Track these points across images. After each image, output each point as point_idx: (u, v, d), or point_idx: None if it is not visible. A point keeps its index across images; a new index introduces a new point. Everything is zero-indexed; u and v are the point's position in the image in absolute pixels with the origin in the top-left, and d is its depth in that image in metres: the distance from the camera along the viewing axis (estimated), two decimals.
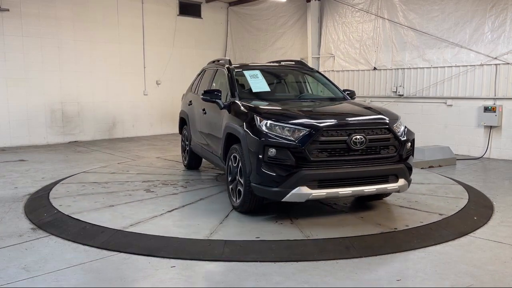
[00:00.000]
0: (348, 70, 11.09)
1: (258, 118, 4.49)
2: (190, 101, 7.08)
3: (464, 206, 5.14)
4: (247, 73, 5.83)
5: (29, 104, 10.32)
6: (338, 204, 5.28)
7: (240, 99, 5.25)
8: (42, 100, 10.50)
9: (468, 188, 6.09)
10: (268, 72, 6.19)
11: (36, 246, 3.96)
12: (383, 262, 3.66)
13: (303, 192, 4.21)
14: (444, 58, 9.26)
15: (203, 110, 6.18)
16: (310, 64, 11.61)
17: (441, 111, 9.40)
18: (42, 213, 4.88)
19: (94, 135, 11.48)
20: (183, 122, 7.59)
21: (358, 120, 4.63)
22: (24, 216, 4.84)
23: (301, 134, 4.25)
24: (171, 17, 12.77)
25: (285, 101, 5.51)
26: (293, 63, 6.83)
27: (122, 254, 3.77)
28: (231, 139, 5.01)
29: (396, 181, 4.56)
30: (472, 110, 8.95)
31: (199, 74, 7.38)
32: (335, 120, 4.48)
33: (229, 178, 4.98)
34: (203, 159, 7.19)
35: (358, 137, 4.31)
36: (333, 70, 11.40)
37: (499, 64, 8.51)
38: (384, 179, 4.51)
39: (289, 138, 4.26)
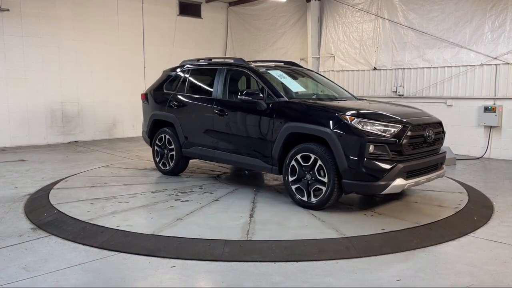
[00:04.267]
0: (348, 70, 11.09)
1: (350, 118, 4.66)
2: (178, 103, 6.55)
3: (464, 206, 5.14)
4: (274, 73, 5.92)
5: (29, 104, 10.32)
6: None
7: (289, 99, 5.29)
8: (42, 100, 10.50)
9: (468, 188, 6.09)
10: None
11: (36, 246, 3.96)
12: (383, 262, 3.66)
13: (400, 183, 4.60)
14: (444, 58, 9.26)
15: (221, 111, 5.85)
16: (310, 64, 11.65)
17: (441, 111, 9.39)
18: (42, 213, 4.88)
19: (94, 135, 11.48)
20: (159, 125, 6.91)
21: (427, 117, 5.21)
22: (24, 216, 4.84)
23: (396, 130, 4.62)
24: (171, 17, 12.77)
25: (324, 100, 5.69)
26: (282, 63, 6.69)
27: (122, 254, 3.77)
28: (291, 139, 5.06)
29: (442, 167, 5.31)
30: (472, 110, 8.95)
31: (175, 75, 6.85)
32: (413, 118, 4.95)
33: (291, 178, 5.04)
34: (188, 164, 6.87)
35: (430, 132, 4.95)
36: (333, 70, 11.40)
37: (499, 64, 8.51)
38: (437, 166, 5.19)
39: (384, 134, 4.59)
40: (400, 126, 4.64)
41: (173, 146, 6.63)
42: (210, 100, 6.11)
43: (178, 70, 6.94)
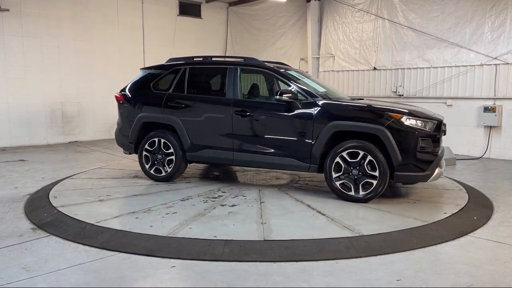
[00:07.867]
0: (348, 70, 11.09)
1: (400, 115, 5.07)
2: (179, 103, 6.12)
3: (464, 206, 5.14)
4: (295, 74, 6.02)
5: (29, 104, 10.32)
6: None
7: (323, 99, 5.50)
8: (42, 100, 10.50)
9: (468, 188, 6.10)
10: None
11: (36, 246, 3.96)
12: (383, 262, 3.66)
13: (439, 172, 5.20)
14: (444, 58, 9.26)
15: (242, 111, 5.68)
16: (310, 64, 11.66)
17: (441, 111, 9.35)
18: (42, 213, 4.87)
19: (94, 135, 11.49)
20: (148, 128, 6.39)
21: (438, 115, 5.66)
22: (24, 216, 4.84)
23: (434, 126, 5.14)
24: (171, 17, 12.78)
25: (356, 100, 5.92)
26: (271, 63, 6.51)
27: (122, 254, 3.77)
28: (333, 138, 5.25)
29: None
30: (472, 110, 8.95)
31: (166, 74, 6.39)
32: (435, 115, 5.45)
33: (335, 175, 5.24)
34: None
35: (445, 127, 5.51)
36: (333, 70, 11.40)
37: (499, 64, 8.51)
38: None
39: (427, 130, 5.09)
40: (436, 121, 5.18)
41: (171, 150, 6.16)
42: (226, 100, 5.84)
43: (169, 68, 6.44)
